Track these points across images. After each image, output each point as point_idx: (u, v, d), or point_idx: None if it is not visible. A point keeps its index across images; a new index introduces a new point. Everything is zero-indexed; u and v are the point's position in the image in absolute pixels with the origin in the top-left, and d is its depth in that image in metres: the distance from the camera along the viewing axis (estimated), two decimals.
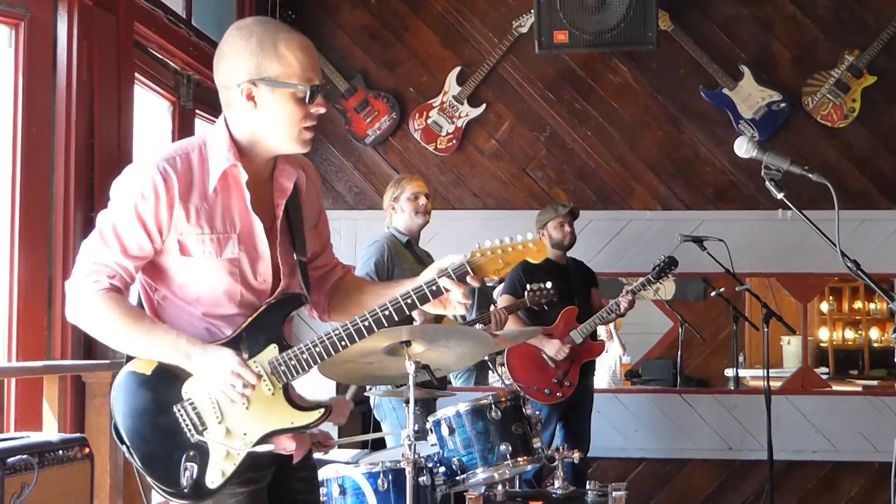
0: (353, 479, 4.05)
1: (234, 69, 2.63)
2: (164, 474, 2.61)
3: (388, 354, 3.84)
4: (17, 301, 4.52)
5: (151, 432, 2.62)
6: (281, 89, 2.61)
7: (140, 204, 2.60)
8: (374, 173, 7.31)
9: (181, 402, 2.65)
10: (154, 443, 2.62)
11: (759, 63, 7.13)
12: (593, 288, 6.58)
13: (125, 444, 2.63)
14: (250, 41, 2.61)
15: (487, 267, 2.83)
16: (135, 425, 2.63)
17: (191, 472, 2.60)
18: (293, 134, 2.66)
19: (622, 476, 6.97)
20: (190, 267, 2.66)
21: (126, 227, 2.61)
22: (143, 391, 2.65)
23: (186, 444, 2.63)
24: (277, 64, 2.60)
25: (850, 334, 11.16)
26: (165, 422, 2.63)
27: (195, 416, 2.64)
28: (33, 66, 4.64)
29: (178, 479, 2.60)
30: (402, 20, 7.36)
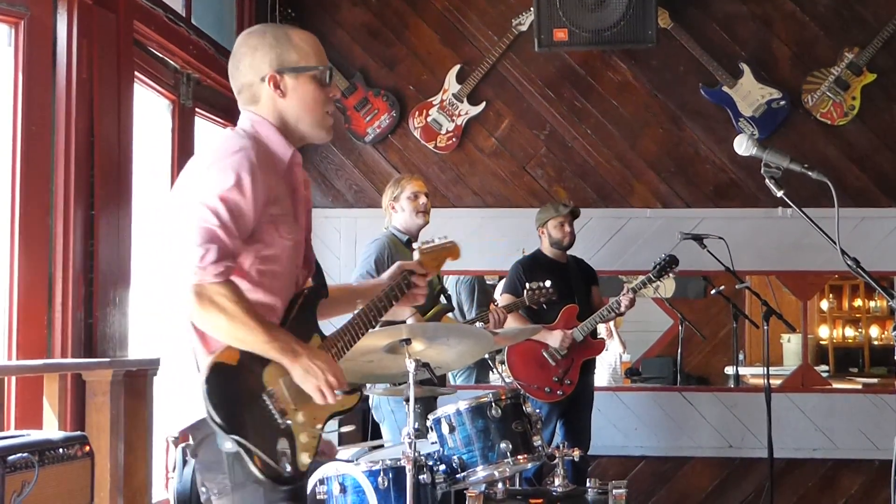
0: (354, 477, 4.05)
1: (256, 64, 2.83)
2: (272, 458, 2.63)
3: (388, 353, 3.85)
4: (18, 299, 4.52)
5: (252, 420, 2.63)
6: (303, 74, 2.83)
7: (253, 183, 2.64)
8: (374, 171, 7.31)
9: (266, 391, 2.68)
10: (257, 430, 2.63)
11: (759, 61, 7.14)
12: (593, 286, 6.58)
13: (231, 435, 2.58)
14: (265, 37, 2.85)
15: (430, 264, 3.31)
16: (237, 415, 2.62)
17: (287, 458, 2.65)
18: (318, 117, 2.88)
19: (622, 474, 6.97)
20: (276, 249, 2.74)
21: (238, 207, 2.63)
22: (234, 381, 2.65)
23: (278, 430, 2.67)
24: (295, 53, 2.83)
25: (851, 332, 11.15)
26: (258, 409, 2.66)
27: (279, 404, 2.69)
28: (33, 65, 4.64)
29: (280, 462, 2.64)
30: (402, 18, 7.36)
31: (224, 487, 2.69)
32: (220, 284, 2.58)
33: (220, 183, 2.62)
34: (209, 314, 2.60)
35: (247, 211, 2.63)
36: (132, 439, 4.68)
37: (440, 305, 5.39)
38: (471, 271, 7.40)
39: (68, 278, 4.64)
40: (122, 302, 5.00)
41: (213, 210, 2.60)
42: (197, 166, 2.74)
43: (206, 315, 2.61)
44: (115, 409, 4.49)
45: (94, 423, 4.44)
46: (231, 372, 2.65)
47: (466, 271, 7.39)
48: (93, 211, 4.79)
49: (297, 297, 2.84)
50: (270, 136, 2.82)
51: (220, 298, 2.58)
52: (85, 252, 4.73)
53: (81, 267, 4.70)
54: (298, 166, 2.87)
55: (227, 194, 2.61)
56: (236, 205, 2.61)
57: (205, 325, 2.66)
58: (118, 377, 4.52)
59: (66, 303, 4.62)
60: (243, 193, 2.62)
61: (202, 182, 2.66)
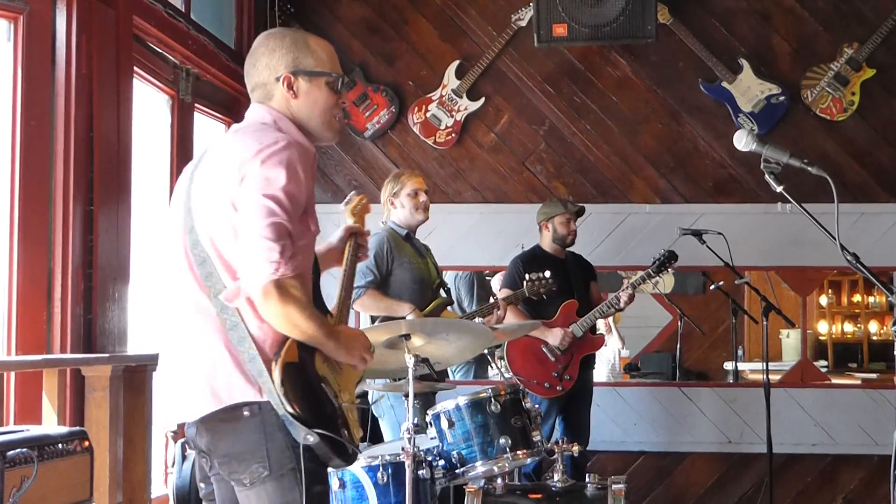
0: (353, 472, 4.06)
1: (272, 65, 2.92)
2: (336, 443, 2.74)
3: (387, 348, 3.85)
4: (17, 294, 4.53)
5: (320, 410, 2.75)
6: (317, 78, 2.92)
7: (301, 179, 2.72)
8: (373, 167, 7.31)
9: (322, 380, 2.82)
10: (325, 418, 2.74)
11: (759, 56, 7.13)
12: (592, 282, 6.59)
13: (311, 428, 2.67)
14: (284, 40, 2.94)
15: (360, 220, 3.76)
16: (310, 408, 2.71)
17: (347, 436, 2.80)
18: (328, 120, 2.96)
19: (621, 469, 6.97)
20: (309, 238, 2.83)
21: (298, 201, 2.72)
22: (301, 376, 2.74)
23: (337, 413, 2.82)
24: (311, 57, 2.92)
25: (850, 327, 11.17)
26: (322, 399, 2.79)
27: (331, 389, 2.84)
28: (32, 60, 4.64)
29: (345, 445, 2.77)
30: (401, 13, 7.36)
31: (258, 476, 2.72)
32: (295, 277, 2.66)
33: (280, 176, 2.68)
34: (288, 308, 2.66)
35: (302, 202, 2.73)
36: (131, 434, 4.68)
37: (440, 299, 5.40)
38: (470, 267, 7.41)
39: (67, 274, 4.64)
40: (122, 297, 5.00)
41: (279, 203, 2.66)
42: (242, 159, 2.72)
43: (285, 309, 2.66)
44: (114, 405, 4.50)
45: (94, 419, 4.45)
46: (298, 369, 2.74)
47: (465, 267, 7.40)
48: (92, 206, 4.80)
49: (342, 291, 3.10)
50: (294, 131, 2.90)
51: (296, 291, 2.66)
52: (84, 247, 4.74)
53: (81, 262, 4.71)
54: (317, 160, 2.94)
55: (288, 187, 2.68)
56: (295, 197, 2.70)
57: (280, 319, 2.68)
58: (117, 372, 4.53)
59: (65, 298, 4.63)
60: (299, 185, 2.71)
61: (262, 175, 2.68)
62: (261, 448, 2.69)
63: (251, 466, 2.72)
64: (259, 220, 2.64)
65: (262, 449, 2.69)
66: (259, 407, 2.70)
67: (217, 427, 2.75)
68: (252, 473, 2.72)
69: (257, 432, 2.70)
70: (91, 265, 4.77)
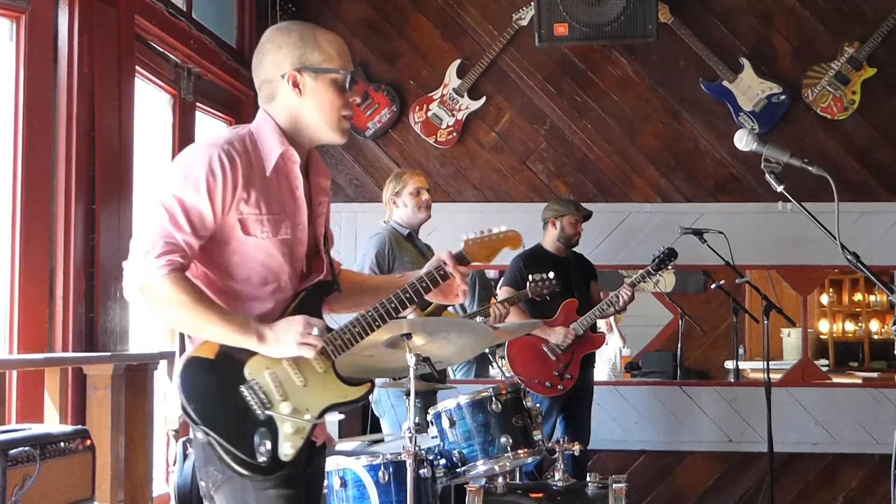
0: (354, 471, 4.06)
1: (278, 61, 2.85)
2: (242, 450, 2.69)
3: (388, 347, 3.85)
4: (19, 293, 4.53)
5: (224, 412, 2.71)
6: (323, 75, 2.83)
7: (210, 181, 2.68)
8: (375, 166, 7.32)
9: (246, 383, 2.74)
10: (228, 421, 2.71)
11: (759, 55, 7.14)
12: (593, 281, 6.59)
13: (199, 425, 2.69)
14: (291, 35, 2.86)
15: (479, 254, 3.23)
16: (207, 407, 2.71)
17: (265, 447, 2.70)
18: (334, 120, 2.87)
19: (622, 468, 6.98)
20: (249, 246, 2.77)
21: (195, 206, 2.68)
22: (209, 374, 2.73)
23: (257, 422, 2.72)
24: (318, 53, 2.84)
25: (850, 326, 11.16)
26: (235, 402, 2.72)
27: (262, 395, 2.74)
28: (34, 60, 4.64)
29: (255, 455, 2.69)
30: (402, 12, 7.36)
31: (216, 479, 2.76)
32: (165, 277, 2.62)
33: (176, 181, 2.71)
34: (154, 306, 2.67)
35: (203, 209, 2.68)
36: (133, 433, 4.69)
37: None
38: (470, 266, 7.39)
39: (69, 272, 4.64)
40: (123, 296, 4.99)
41: (167, 208, 2.67)
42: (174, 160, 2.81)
43: (151, 307, 2.68)
44: (115, 403, 4.50)
45: (95, 417, 4.45)
46: (207, 365, 2.73)
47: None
48: (94, 205, 4.80)
49: (300, 293, 2.88)
50: (267, 133, 2.84)
51: (164, 290, 2.63)
52: (86, 246, 4.74)
53: (82, 261, 4.71)
54: (296, 164, 2.85)
55: (181, 193, 2.68)
56: (192, 203, 2.67)
57: (156, 317, 2.73)
58: (119, 371, 4.53)
59: (66, 297, 4.63)
60: (198, 192, 2.67)
61: (165, 178, 2.75)
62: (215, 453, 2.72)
63: (210, 469, 2.76)
64: (144, 220, 2.71)
65: (216, 454, 2.71)
66: None
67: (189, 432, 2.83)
68: (212, 477, 2.77)
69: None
70: (93, 264, 4.78)
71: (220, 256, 2.78)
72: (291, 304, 2.85)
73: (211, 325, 2.68)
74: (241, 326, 2.70)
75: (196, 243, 2.70)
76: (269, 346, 2.73)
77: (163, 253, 2.64)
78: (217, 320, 2.67)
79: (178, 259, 2.65)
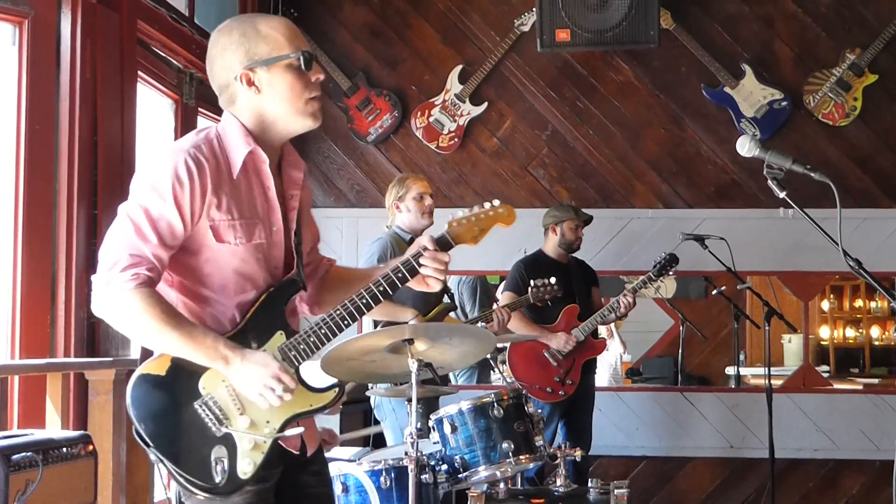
0: (356, 476, 4.06)
1: (227, 65, 2.73)
2: (196, 472, 2.60)
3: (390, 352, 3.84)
4: (21, 298, 4.52)
5: (176, 432, 2.62)
6: (275, 64, 2.71)
7: (177, 189, 2.59)
8: (376, 171, 7.32)
9: (201, 399, 2.65)
10: (181, 442, 2.61)
11: (761, 61, 7.14)
12: (594, 287, 6.60)
13: (151, 447, 2.60)
14: (233, 34, 2.74)
15: (465, 235, 3.02)
16: (158, 428, 2.61)
17: (222, 466, 2.61)
18: (300, 107, 2.74)
19: (624, 474, 6.97)
20: (222, 253, 2.68)
21: (162, 216, 2.59)
22: (161, 392, 2.64)
23: (213, 439, 2.63)
24: (264, 43, 2.71)
25: (851, 332, 11.16)
26: (188, 419, 2.63)
27: (217, 411, 2.65)
28: (37, 64, 4.64)
29: (211, 474, 2.61)
30: (404, 18, 7.37)
31: (185, 494, 2.68)
32: (131, 291, 2.54)
33: (141, 192, 2.62)
34: (118, 320, 2.60)
35: (171, 218, 2.59)
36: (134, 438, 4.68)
37: (443, 304, 5.40)
38: (472, 271, 7.41)
39: (71, 277, 4.64)
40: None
41: (133, 219, 2.59)
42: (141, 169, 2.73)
43: (116, 321, 2.61)
44: (117, 409, 4.49)
45: (97, 423, 4.45)
46: (158, 382, 2.64)
47: (467, 271, 7.40)
48: (96, 210, 4.80)
49: (262, 294, 2.75)
50: (232, 136, 2.73)
51: (129, 306, 2.55)
52: (88, 251, 4.74)
53: (84, 266, 4.70)
54: (264, 163, 2.75)
55: (146, 203, 2.60)
56: (158, 213, 2.59)
57: (122, 329, 2.64)
58: (121, 376, 4.52)
59: (69, 302, 4.63)
60: (165, 200, 2.58)
61: (132, 188, 2.66)
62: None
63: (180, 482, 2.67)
64: (110, 231, 2.62)
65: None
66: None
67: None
68: (182, 491, 2.68)
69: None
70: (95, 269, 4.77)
71: (193, 266, 2.69)
72: (252, 309, 2.73)
73: (177, 345, 2.59)
74: (208, 350, 2.61)
75: (165, 254, 2.60)
76: (233, 374, 2.63)
77: (129, 266, 2.55)
78: (184, 341, 2.58)
79: (144, 272, 2.56)
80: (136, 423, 2.61)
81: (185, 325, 2.61)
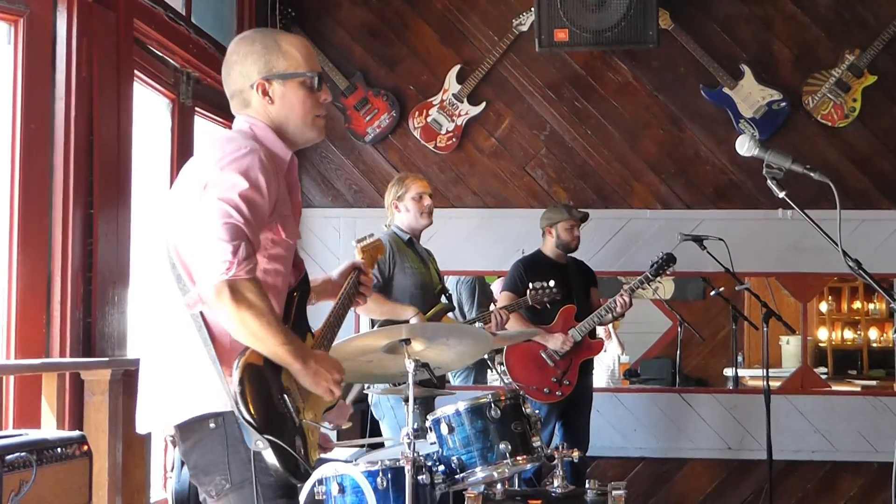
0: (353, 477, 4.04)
1: (246, 72, 2.88)
2: (286, 456, 2.65)
3: (387, 353, 3.84)
4: (16, 298, 4.51)
5: (276, 419, 2.67)
6: (291, 80, 2.87)
7: (265, 180, 2.69)
8: (374, 171, 7.30)
9: (286, 391, 2.74)
10: (279, 428, 2.67)
11: (760, 62, 7.13)
12: (592, 287, 6.58)
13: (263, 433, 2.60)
14: (255, 45, 2.89)
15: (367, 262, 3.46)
16: (267, 415, 2.64)
17: (302, 455, 2.71)
18: (308, 121, 2.91)
19: (621, 475, 6.97)
20: (280, 250, 2.81)
21: (258, 206, 2.67)
22: (262, 381, 2.68)
23: (294, 429, 2.72)
24: (283, 59, 2.87)
25: (849, 334, 11.17)
26: (280, 409, 2.71)
27: (294, 403, 2.76)
28: (32, 63, 4.62)
29: (296, 459, 2.68)
30: (403, 18, 7.35)
31: (221, 489, 2.72)
32: (251, 281, 2.60)
33: (239, 181, 2.66)
34: (240, 311, 2.59)
35: (263, 209, 2.68)
36: (130, 439, 4.66)
37: (441, 305, 5.39)
38: (470, 272, 7.41)
39: (67, 277, 4.63)
40: (121, 301, 4.99)
41: (236, 207, 2.62)
42: (205, 167, 2.73)
43: (237, 311, 2.59)
44: (113, 409, 4.48)
45: (93, 423, 4.43)
46: (260, 372, 2.68)
47: (466, 272, 7.40)
48: (92, 210, 4.78)
49: (292, 298, 2.90)
50: (269, 138, 2.86)
51: (251, 295, 2.59)
52: (84, 251, 4.72)
53: (80, 266, 4.69)
54: (296, 168, 2.95)
55: (247, 192, 2.65)
56: (255, 202, 2.66)
57: (233, 322, 2.62)
58: (117, 376, 4.51)
59: (64, 302, 4.61)
60: (260, 192, 2.67)
61: (221, 181, 2.67)
62: (223, 460, 2.69)
63: (215, 479, 2.73)
64: (214, 222, 2.61)
65: (224, 461, 2.69)
66: (223, 418, 2.69)
67: (188, 437, 2.75)
68: (216, 486, 2.73)
69: (220, 444, 2.69)
70: (91, 269, 4.76)
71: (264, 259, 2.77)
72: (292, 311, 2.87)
73: (273, 340, 2.64)
74: (294, 348, 2.69)
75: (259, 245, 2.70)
76: (307, 375, 2.73)
77: (248, 255, 2.60)
78: (280, 336, 2.65)
79: (256, 262, 2.64)
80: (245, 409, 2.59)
81: (281, 322, 2.70)
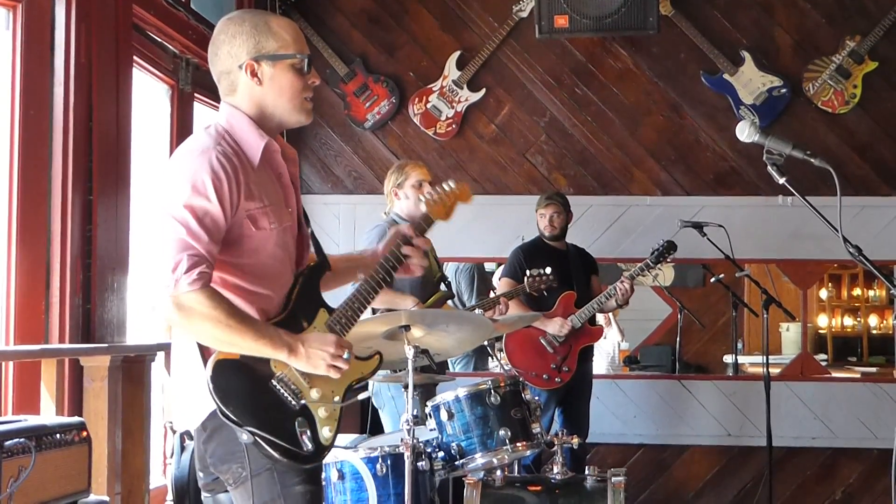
0: (352, 463, 4.05)
1: (233, 52, 2.84)
2: (289, 441, 2.73)
3: (387, 339, 3.84)
4: (16, 284, 4.51)
5: (262, 409, 2.73)
6: (281, 61, 2.83)
7: (217, 185, 2.68)
8: (374, 158, 7.29)
9: (275, 377, 2.77)
10: (268, 417, 2.72)
11: (760, 48, 7.11)
12: (593, 275, 6.57)
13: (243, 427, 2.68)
14: (244, 25, 2.84)
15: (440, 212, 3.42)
16: (247, 407, 2.71)
17: (308, 435, 2.76)
18: (297, 104, 2.88)
19: (621, 462, 6.97)
20: (259, 241, 2.79)
21: (207, 212, 2.67)
22: (240, 374, 2.73)
23: (293, 412, 2.77)
24: (273, 40, 2.83)
25: (849, 321, 11.17)
26: (269, 397, 2.75)
27: (292, 386, 2.79)
28: (31, 49, 4.61)
29: (300, 444, 2.74)
30: (402, 4, 7.33)
31: (239, 476, 2.77)
32: (197, 292, 2.63)
33: (182, 192, 2.68)
34: (193, 324, 2.67)
35: (215, 214, 2.68)
36: (130, 425, 4.67)
37: (440, 293, 5.38)
38: (470, 258, 7.40)
39: (66, 264, 4.62)
40: (121, 287, 4.99)
41: (180, 220, 2.66)
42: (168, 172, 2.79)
43: (190, 325, 2.68)
44: (112, 395, 4.48)
45: (92, 409, 4.43)
46: (234, 366, 2.73)
47: (465, 258, 7.38)
48: (91, 196, 4.78)
49: (298, 277, 2.91)
50: (243, 129, 2.84)
51: (199, 306, 2.64)
52: (83, 237, 4.72)
53: (79, 252, 4.69)
54: (277, 153, 2.90)
55: (190, 201, 2.67)
56: (203, 210, 2.67)
57: (192, 335, 2.74)
58: (116, 363, 4.51)
59: (63, 288, 4.61)
60: (208, 198, 2.67)
61: (169, 192, 2.72)
62: (239, 449, 2.73)
63: (232, 467, 2.78)
64: (161, 237, 2.69)
65: (240, 450, 2.73)
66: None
67: (206, 428, 2.81)
68: (233, 474, 2.78)
69: (234, 434, 2.73)
70: (90, 255, 4.76)
71: (233, 261, 2.78)
72: (294, 291, 2.88)
73: (243, 341, 2.69)
74: (271, 341, 2.73)
75: (215, 250, 2.70)
76: (299, 361, 2.76)
77: (191, 267, 2.63)
78: (250, 336, 2.69)
79: (205, 271, 2.65)
80: (223, 406, 2.69)
81: (248, 320, 2.73)
